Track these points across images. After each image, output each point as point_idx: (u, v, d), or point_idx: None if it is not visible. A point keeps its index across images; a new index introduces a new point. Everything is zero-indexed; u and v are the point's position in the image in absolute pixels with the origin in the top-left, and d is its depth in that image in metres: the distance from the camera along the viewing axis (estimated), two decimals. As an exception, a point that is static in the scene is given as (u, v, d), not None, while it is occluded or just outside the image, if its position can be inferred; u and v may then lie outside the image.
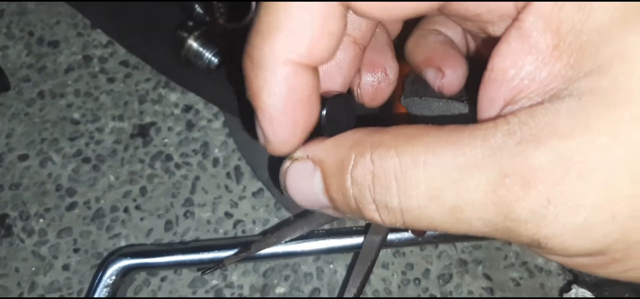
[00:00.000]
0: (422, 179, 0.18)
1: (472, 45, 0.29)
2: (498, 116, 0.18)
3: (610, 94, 0.16)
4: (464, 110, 0.32)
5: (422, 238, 0.43)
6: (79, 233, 0.44)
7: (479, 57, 0.28)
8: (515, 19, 0.18)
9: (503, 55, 0.18)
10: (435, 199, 0.18)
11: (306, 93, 0.20)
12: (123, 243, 0.44)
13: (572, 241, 0.17)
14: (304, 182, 0.22)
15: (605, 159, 0.16)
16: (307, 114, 0.21)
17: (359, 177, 0.19)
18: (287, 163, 0.23)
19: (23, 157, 0.46)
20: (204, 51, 0.45)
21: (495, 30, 0.20)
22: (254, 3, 0.45)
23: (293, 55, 0.19)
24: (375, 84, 0.25)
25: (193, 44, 0.45)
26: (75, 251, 0.44)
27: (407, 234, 0.43)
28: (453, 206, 0.18)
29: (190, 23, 0.45)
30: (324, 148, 0.21)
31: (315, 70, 0.20)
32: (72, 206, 0.45)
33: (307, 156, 0.22)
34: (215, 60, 0.45)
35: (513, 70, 0.18)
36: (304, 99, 0.20)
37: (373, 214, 0.20)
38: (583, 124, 0.16)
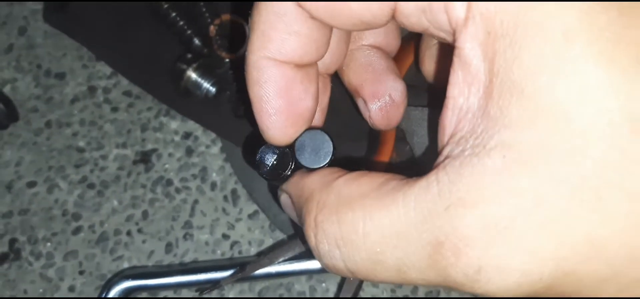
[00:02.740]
0: (362, 247, 0.18)
1: None
2: (433, 167, 0.18)
3: (533, 152, 0.16)
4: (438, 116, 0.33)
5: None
6: (84, 255, 0.47)
7: None
8: (455, 45, 0.18)
9: (452, 83, 0.18)
10: (379, 264, 0.18)
11: (284, 85, 0.22)
12: (126, 265, 0.47)
13: (505, 295, 0.17)
14: (290, 212, 0.24)
15: (530, 223, 0.16)
16: (291, 105, 0.22)
17: (308, 236, 0.20)
18: (279, 192, 0.25)
19: (31, 184, 0.48)
20: (202, 81, 0.47)
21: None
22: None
23: (267, 52, 0.21)
24: (384, 110, 0.26)
25: (192, 74, 0.47)
26: (81, 273, 0.46)
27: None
28: (397, 268, 0.18)
29: (189, 55, 0.48)
30: (292, 187, 0.23)
31: (296, 66, 0.22)
32: (77, 230, 0.47)
33: (285, 191, 0.24)
34: (213, 89, 0.48)
35: (461, 98, 0.18)
36: (283, 90, 0.22)
37: (326, 268, 0.21)
38: (507, 187, 0.16)
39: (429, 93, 0.33)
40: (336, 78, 0.28)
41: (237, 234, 0.47)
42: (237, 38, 0.48)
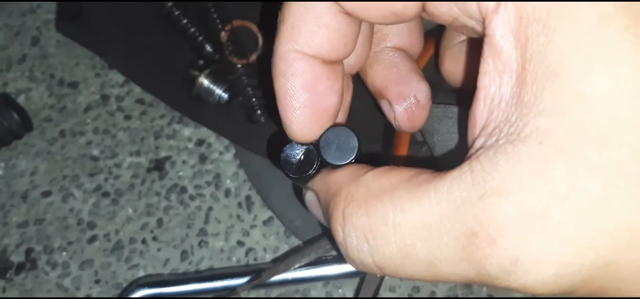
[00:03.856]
0: (392, 239, 0.18)
1: None
2: (466, 158, 0.18)
3: (568, 138, 0.16)
4: (455, 115, 0.32)
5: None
6: (99, 264, 0.47)
7: None
8: (485, 33, 0.17)
9: (483, 73, 0.18)
10: (408, 257, 0.18)
11: (310, 79, 0.21)
12: (141, 273, 0.46)
13: (543, 289, 0.17)
14: (316, 211, 0.24)
15: (567, 211, 0.16)
16: (316, 100, 0.22)
17: (335, 231, 0.20)
18: (304, 190, 0.25)
19: (46, 194, 0.48)
20: (215, 88, 0.47)
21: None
22: (260, 41, 0.48)
23: (295, 45, 0.21)
24: (409, 112, 0.26)
25: (204, 81, 0.47)
26: (97, 282, 0.46)
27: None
28: (428, 262, 0.18)
29: (201, 62, 0.48)
30: (319, 184, 0.23)
31: (324, 62, 0.22)
32: (92, 239, 0.47)
33: (310, 188, 0.24)
34: (225, 96, 0.47)
35: (493, 88, 0.17)
36: (310, 84, 0.22)
37: (353, 264, 0.20)
38: (543, 173, 0.16)
39: (450, 91, 0.33)
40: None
41: (252, 241, 0.47)
42: (249, 44, 0.48)
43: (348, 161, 0.24)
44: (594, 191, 0.16)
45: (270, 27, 0.47)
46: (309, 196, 0.24)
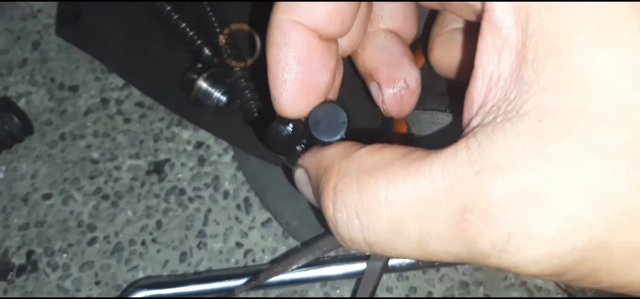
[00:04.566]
0: (384, 215, 0.18)
1: None
2: (462, 136, 0.18)
3: (569, 116, 0.15)
4: (447, 121, 0.32)
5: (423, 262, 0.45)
6: (99, 266, 0.47)
7: None
8: (484, 9, 0.17)
9: (481, 51, 0.17)
10: (399, 233, 0.18)
11: (304, 52, 0.21)
12: (141, 275, 0.47)
13: (534, 269, 0.17)
14: (305, 189, 0.23)
15: (564, 190, 0.16)
16: (308, 75, 0.22)
17: (325, 206, 0.20)
18: (294, 168, 0.25)
19: (47, 196, 0.49)
20: (213, 91, 0.48)
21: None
22: (258, 44, 0.48)
23: (293, 15, 0.21)
24: (398, 96, 0.26)
25: (202, 84, 0.48)
26: (97, 283, 0.47)
27: (409, 259, 0.45)
28: (418, 239, 0.18)
29: (199, 65, 0.48)
30: (309, 161, 0.22)
31: (319, 37, 0.21)
32: (93, 241, 0.48)
33: (301, 166, 0.23)
34: (223, 98, 0.48)
35: (492, 65, 0.17)
36: (303, 57, 0.21)
37: (342, 241, 0.20)
38: (542, 151, 0.16)
39: (441, 95, 0.33)
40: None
41: (251, 242, 0.48)
42: (246, 47, 0.48)
43: (338, 137, 0.23)
44: (592, 171, 0.15)
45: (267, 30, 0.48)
46: (299, 174, 0.23)
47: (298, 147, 0.24)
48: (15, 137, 0.49)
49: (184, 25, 0.48)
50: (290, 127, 0.24)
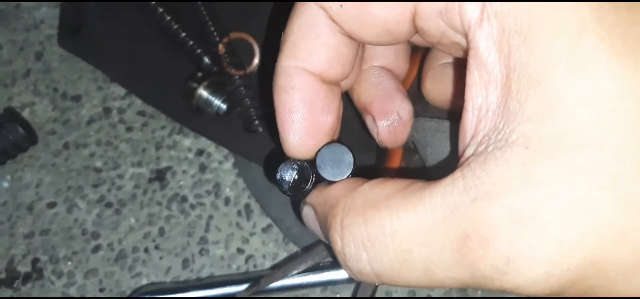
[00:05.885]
0: (390, 246, 0.19)
1: None
2: (457, 166, 0.19)
3: (552, 142, 0.16)
4: (447, 129, 0.33)
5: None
6: (103, 273, 0.48)
7: None
8: (469, 46, 0.18)
9: (469, 85, 0.18)
10: (405, 263, 0.19)
11: (309, 95, 0.22)
12: (144, 281, 0.48)
13: (535, 289, 0.18)
14: (313, 225, 0.24)
15: (554, 212, 0.16)
16: (314, 116, 0.23)
17: (333, 241, 0.21)
18: (301, 205, 0.26)
19: (51, 205, 0.50)
20: (213, 99, 0.48)
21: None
22: (257, 52, 0.49)
23: (297, 62, 0.22)
24: (392, 128, 0.27)
25: (203, 92, 0.48)
26: (101, 290, 0.47)
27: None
28: (424, 267, 0.18)
29: (200, 74, 0.49)
30: (316, 198, 0.24)
31: (322, 81, 0.23)
32: (97, 249, 0.49)
33: (308, 203, 0.25)
34: (223, 106, 0.49)
35: (480, 98, 0.18)
36: (308, 100, 0.23)
37: (351, 273, 0.21)
38: (531, 177, 0.16)
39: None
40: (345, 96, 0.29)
41: (252, 248, 0.48)
42: (246, 55, 0.49)
43: (344, 177, 0.24)
44: (578, 191, 0.16)
45: (266, 39, 0.49)
46: (306, 211, 0.24)
47: (307, 186, 0.25)
48: (20, 147, 0.50)
49: (184, 34, 0.49)
50: (297, 167, 0.25)
